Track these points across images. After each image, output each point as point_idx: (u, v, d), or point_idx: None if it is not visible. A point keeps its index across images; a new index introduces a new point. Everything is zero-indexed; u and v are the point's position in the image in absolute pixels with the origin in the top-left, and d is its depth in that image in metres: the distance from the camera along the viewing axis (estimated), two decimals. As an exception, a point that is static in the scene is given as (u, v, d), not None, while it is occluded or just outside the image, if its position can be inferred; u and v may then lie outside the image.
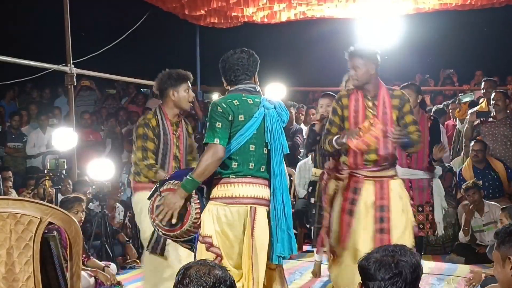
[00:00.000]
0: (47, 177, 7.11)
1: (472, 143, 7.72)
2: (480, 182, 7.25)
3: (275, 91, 9.43)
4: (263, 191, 3.73)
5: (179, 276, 2.36)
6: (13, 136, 9.67)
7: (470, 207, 7.08)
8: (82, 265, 4.22)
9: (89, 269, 5.77)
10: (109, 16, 11.19)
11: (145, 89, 11.90)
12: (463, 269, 6.69)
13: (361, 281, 2.50)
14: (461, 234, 7.23)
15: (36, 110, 10.45)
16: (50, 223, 3.44)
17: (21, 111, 10.40)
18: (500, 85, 9.34)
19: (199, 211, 3.75)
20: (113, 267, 6.22)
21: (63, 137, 7.02)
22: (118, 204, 7.85)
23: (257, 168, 3.73)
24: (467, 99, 8.92)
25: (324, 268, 6.78)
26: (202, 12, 10.10)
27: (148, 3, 9.78)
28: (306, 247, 7.66)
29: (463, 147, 8.32)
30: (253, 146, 3.71)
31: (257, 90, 3.83)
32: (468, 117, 8.21)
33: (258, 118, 3.70)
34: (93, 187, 7.33)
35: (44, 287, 3.40)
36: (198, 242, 3.73)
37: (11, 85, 10.81)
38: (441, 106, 9.69)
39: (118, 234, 7.34)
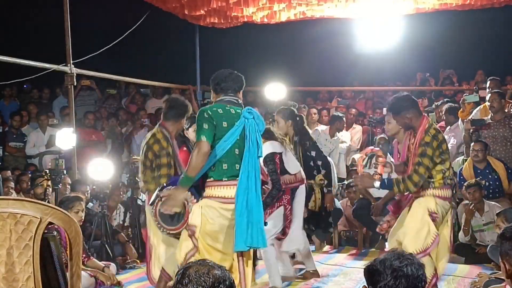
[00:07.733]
0: (46, 177, 7.11)
1: (473, 143, 7.72)
2: (482, 182, 7.26)
3: (275, 91, 9.43)
4: None
5: (178, 276, 2.35)
6: (14, 136, 9.69)
7: (471, 206, 7.08)
8: (82, 265, 4.21)
9: (89, 269, 5.77)
10: (109, 16, 11.17)
11: (145, 89, 11.87)
12: (463, 269, 6.69)
13: (365, 285, 2.52)
14: (461, 234, 7.22)
15: (35, 110, 10.45)
16: (50, 223, 3.44)
17: (21, 111, 10.42)
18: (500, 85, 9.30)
19: None
20: (113, 267, 6.21)
21: (64, 137, 7.04)
22: (119, 204, 7.84)
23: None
24: (471, 99, 8.87)
25: (323, 268, 6.78)
26: (202, 12, 10.09)
27: (148, 3, 9.77)
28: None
29: (463, 149, 8.32)
30: (237, 151, 4.34)
31: (240, 102, 4.49)
32: (464, 124, 8.22)
33: (239, 126, 4.31)
34: (94, 187, 7.32)
35: (44, 287, 3.40)
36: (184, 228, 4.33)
37: (11, 85, 10.82)
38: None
39: (118, 234, 7.34)
